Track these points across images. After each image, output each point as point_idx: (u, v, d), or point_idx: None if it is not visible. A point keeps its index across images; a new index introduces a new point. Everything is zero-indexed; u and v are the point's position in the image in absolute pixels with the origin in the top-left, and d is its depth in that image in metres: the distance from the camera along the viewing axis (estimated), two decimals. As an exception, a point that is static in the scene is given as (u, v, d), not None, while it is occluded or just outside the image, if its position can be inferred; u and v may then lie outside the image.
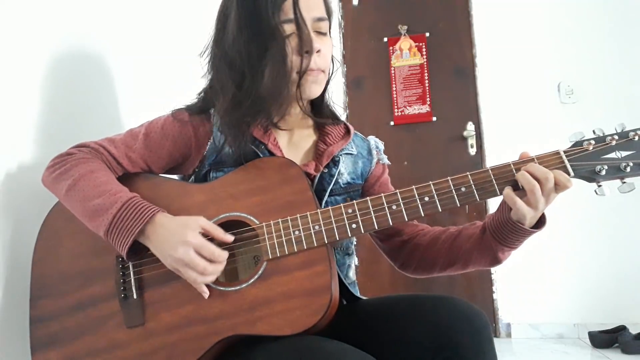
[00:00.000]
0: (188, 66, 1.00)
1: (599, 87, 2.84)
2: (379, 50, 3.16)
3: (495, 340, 0.85)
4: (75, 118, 1.16)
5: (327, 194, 0.97)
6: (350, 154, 1.04)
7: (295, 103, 0.95)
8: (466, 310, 0.83)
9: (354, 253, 1.08)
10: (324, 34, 0.94)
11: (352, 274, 1.06)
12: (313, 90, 0.95)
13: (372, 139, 1.11)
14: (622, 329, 2.58)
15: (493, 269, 2.93)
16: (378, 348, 0.86)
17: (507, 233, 0.88)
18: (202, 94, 1.00)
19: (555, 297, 2.84)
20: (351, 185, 1.02)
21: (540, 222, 0.87)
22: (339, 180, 1.00)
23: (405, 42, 3.13)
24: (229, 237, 0.85)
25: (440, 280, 2.95)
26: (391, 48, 3.15)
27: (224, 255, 0.83)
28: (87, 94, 1.22)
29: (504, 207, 0.88)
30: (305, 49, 0.89)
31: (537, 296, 2.86)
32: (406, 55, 3.13)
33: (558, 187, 0.81)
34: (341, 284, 0.96)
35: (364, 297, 1.01)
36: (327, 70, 0.97)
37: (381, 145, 1.10)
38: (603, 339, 2.58)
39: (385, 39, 3.16)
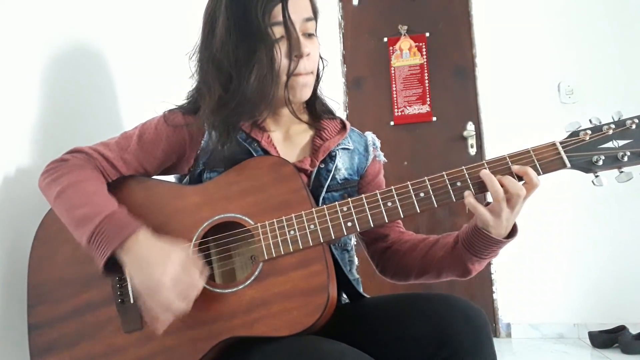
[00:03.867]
0: (185, 65, 1.00)
1: (599, 87, 2.83)
2: (379, 50, 3.16)
3: (495, 340, 0.85)
4: (73, 119, 1.16)
5: (325, 189, 0.97)
6: (347, 148, 1.03)
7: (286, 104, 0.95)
8: (465, 309, 0.83)
9: (353, 249, 1.08)
10: (311, 35, 0.94)
11: (355, 270, 1.06)
12: (304, 93, 0.95)
13: (370, 135, 1.10)
14: (622, 329, 2.57)
15: (493, 269, 2.93)
16: (377, 347, 0.86)
17: (475, 241, 0.88)
18: (193, 94, 1.00)
19: (555, 297, 2.84)
20: (348, 181, 1.02)
21: (512, 232, 0.87)
22: (336, 176, 0.99)
23: (405, 42, 3.13)
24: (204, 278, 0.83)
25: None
26: (391, 48, 3.14)
27: (192, 296, 0.81)
28: (86, 95, 1.22)
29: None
30: (295, 53, 0.90)
31: (537, 296, 2.86)
32: (406, 55, 3.12)
33: (528, 185, 0.81)
34: (346, 280, 0.96)
35: (368, 296, 1.01)
36: (316, 71, 0.98)
37: (378, 143, 1.10)
38: (603, 339, 2.58)
39: (385, 39, 3.16)
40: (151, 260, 0.80)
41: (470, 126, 3.02)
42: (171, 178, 1.05)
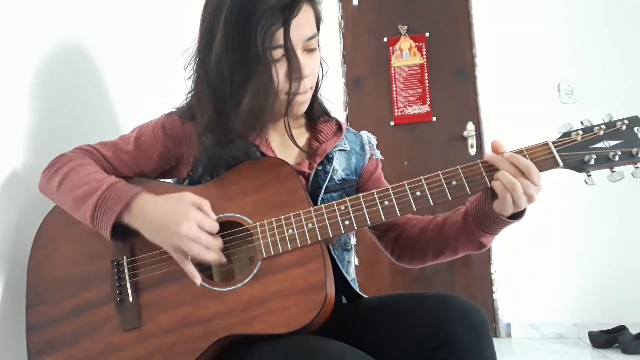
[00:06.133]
0: (183, 64, 0.99)
1: (599, 87, 2.84)
2: (379, 50, 3.17)
3: (495, 340, 0.85)
4: (73, 120, 1.17)
5: (323, 191, 0.97)
6: (344, 150, 1.04)
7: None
8: (465, 308, 0.83)
9: (353, 249, 1.08)
10: (313, 50, 0.93)
11: (352, 270, 1.07)
12: (300, 109, 0.96)
13: (365, 134, 1.11)
14: (622, 329, 2.57)
15: (493, 269, 2.94)
16: (377, 346, 0.86)
17: (489, 222, 0.90)
18: (190, 101, 0.99)
19: (555, 297, 2.84)
20: (346, 182, 1.02)
21: (520, 213, 0.89)
22: (334, 177, 1.00)
23: (405, 42, 3.13)
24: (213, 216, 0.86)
25: (440, 280, 2.95)
26: (391, 48, 3.15)
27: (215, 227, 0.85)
28: (84, 96, 1.22)
29: (486, 198, 0.89)
30: (296, 76, 0.88)
31: (537, 296, 2.86)
32: (406, 55, 3.13)
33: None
34: (343, 279, 0.96)
35: (365, 296, 1.01)
36: (314, 85, 0.97)
37: (374, 140, 1.11)
38: (603, 339, 2.58)
39: (385, 39, 3.16)
40: (173, 214, 0.82)
41: (470, 126, 3.02)
42: (170, 181, 1.05)
